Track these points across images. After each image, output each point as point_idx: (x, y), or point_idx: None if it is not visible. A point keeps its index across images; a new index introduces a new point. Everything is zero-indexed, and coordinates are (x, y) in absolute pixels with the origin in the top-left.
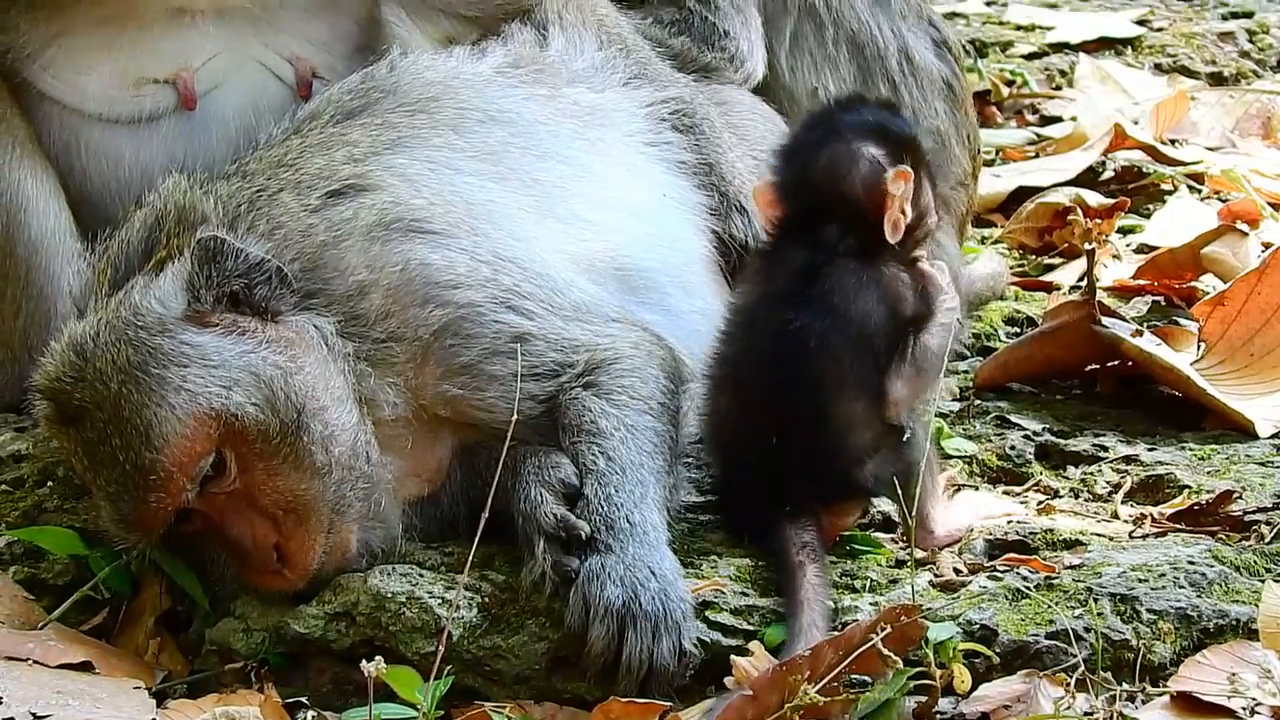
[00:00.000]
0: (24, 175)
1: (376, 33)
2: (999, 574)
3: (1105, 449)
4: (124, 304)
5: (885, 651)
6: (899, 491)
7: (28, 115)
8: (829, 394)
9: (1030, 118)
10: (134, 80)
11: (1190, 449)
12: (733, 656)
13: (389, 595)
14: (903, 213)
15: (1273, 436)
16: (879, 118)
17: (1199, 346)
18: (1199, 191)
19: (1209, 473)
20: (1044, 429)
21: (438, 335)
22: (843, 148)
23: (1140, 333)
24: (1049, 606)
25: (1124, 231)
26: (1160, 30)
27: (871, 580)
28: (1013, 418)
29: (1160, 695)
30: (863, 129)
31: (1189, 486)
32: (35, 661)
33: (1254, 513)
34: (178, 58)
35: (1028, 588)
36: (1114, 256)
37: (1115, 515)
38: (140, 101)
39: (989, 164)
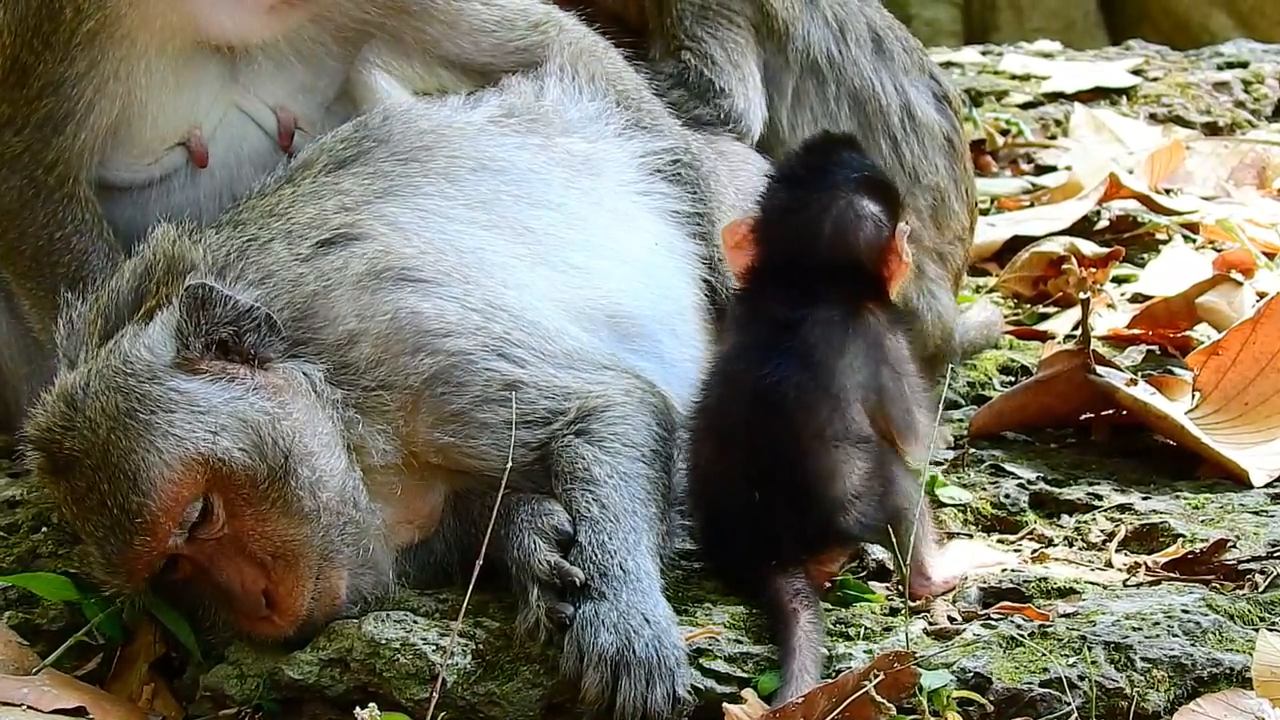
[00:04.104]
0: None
1: (365, 83)
2: (993, 622)
3: (1099, 497)
4: (114, 353)
5: (878, 698)
6: (892, 539)
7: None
8: (807, 445)
9: (1025, 167)
10: (153, 143)
11: (1184, 498)
12: (725, 704)
13: (383, 641)
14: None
15: (1267, 485)
16: (866, 167)
17: (1194, 395)
18: (1194, 241)
19: (1203, 521)
20: (1038, 477)
21: (429, 383)
22: (844, 205)
23: (1135, 382)
24: (1043, 654)
25: (1119, 280)
26: (1155, 80)
27: (865, 628)
28: (1007, 466)
29: None
30: (855, 182)
31: (1183, 535)
32: (29, 707)
33: (1248, 561)
34: (189, 114)
35: (1022, 635)
36: (1109, 305)
37: (1109, 564)
38: (152, 169)
39: (984, 213)
